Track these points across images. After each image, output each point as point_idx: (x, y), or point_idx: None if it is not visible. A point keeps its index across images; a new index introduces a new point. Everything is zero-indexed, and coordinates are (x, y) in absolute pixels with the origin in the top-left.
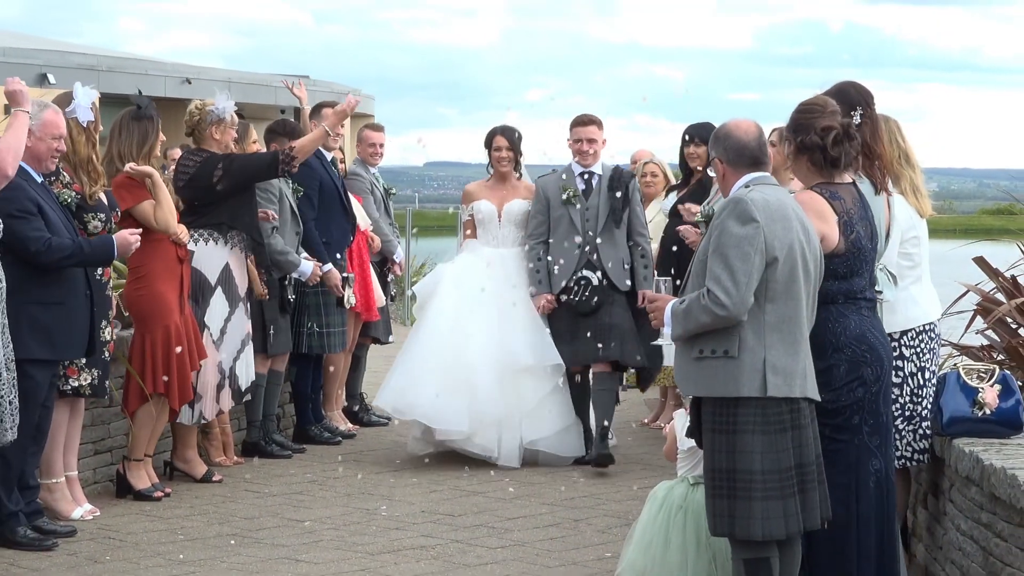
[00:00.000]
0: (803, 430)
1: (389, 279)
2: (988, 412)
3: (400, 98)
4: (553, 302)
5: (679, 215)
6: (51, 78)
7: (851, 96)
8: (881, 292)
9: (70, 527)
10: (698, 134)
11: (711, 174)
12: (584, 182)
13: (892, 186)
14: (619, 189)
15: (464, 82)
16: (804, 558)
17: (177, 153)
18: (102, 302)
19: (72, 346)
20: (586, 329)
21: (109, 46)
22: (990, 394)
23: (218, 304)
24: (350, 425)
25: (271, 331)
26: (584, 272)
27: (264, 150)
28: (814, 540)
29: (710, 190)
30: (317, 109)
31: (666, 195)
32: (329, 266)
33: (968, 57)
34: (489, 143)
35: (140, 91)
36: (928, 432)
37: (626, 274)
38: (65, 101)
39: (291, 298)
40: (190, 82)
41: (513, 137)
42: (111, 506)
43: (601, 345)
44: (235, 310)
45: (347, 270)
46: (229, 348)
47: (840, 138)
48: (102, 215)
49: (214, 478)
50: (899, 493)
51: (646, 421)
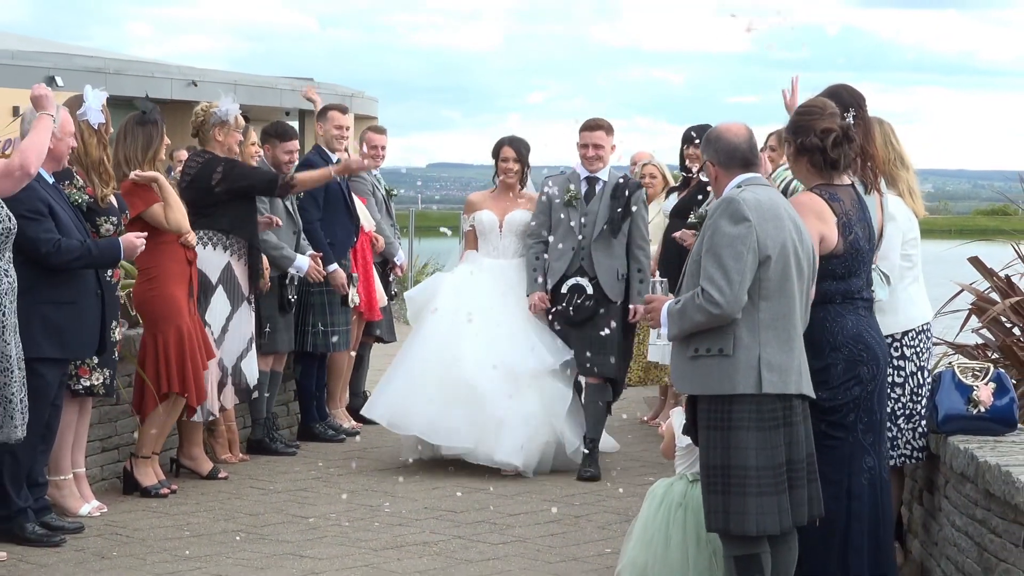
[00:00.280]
0: (794, 427)
1: (391, 279)
2: (983, 410)
3: (404, 101)
4: (545, 300)
5: (678, 216)
6: (59, 81)
7: (843, 98)
8: (874, 291)
9: (78, 523)
10: (698, 136)
11: (703, 178)
12: (588, 186)
13: (887, 187)
14: (621, 198)
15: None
16: (800, 553)
17: (183, 155)
18: (112, 302)
19: (83, 345)
20: (576, 340)
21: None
22: (985, 392)
23: (219, 303)
24: (353, 423)
25: (267, 329)
26: (578, 280)
27: (262, 152)
28: (808, 536)
29: (709, 192)
30: (324, 112)
31: (666, 196)
32: (334, 266)
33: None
34: (497, 153)
35: (147, 95)
36: (926, 430)
37: (619, 285)
38: (76, 103)
39: (291, 298)
40: (196, 84)
41: (521, 148)
42: (118, 503)
43: (590, 355)
44: (237, 309)
45: (351, 270)
46: (232, 346)
47: (839, 140)
48: (114, 218)
49: (220, 475)
50: (893, 490)
51: (645, 419)
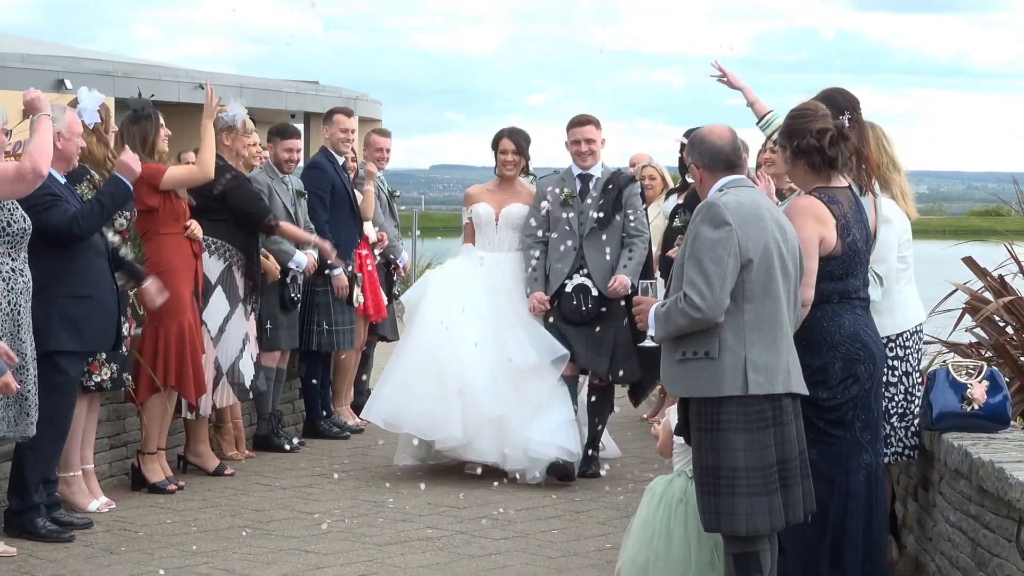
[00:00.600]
0: (785, 426)
1: (395, 279)
2: (977, 407)
3: (408, 103)
4: (545, 302)
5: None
6: (68, 83)
7: (838, 101)
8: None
9: (86, 519)
10: None
11: (689, 180)
12: (582, 183)
13: (881, 190)
14: (610, 192)
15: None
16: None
17: (191, 156)
18: (124, 297)
19: (101, 339)
20: (578, 339)
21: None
22: (978, 390)
23: (217, 303)
24: (358, 420)
25: (267, 326)
26: (583, 280)
27: (266, 152)
28: (803, 532)
29: None
30: (329, 115)
31: (665, 198)
32: (338, 270)
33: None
34: (496, 145)
35: (140, 92)
36: (919, 428)
37: (610, 276)
38: (74, 105)
39: (294, 296)
40: (203, 87)
41: (520, 140)
42: (126, 499)
43: (592, 358)
44: (235, 309)
45: (355, 270)
46: (229, 346)
47: (835, 139)
48: (126, 213)
49: (226, 472)
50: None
51: (645, 416)
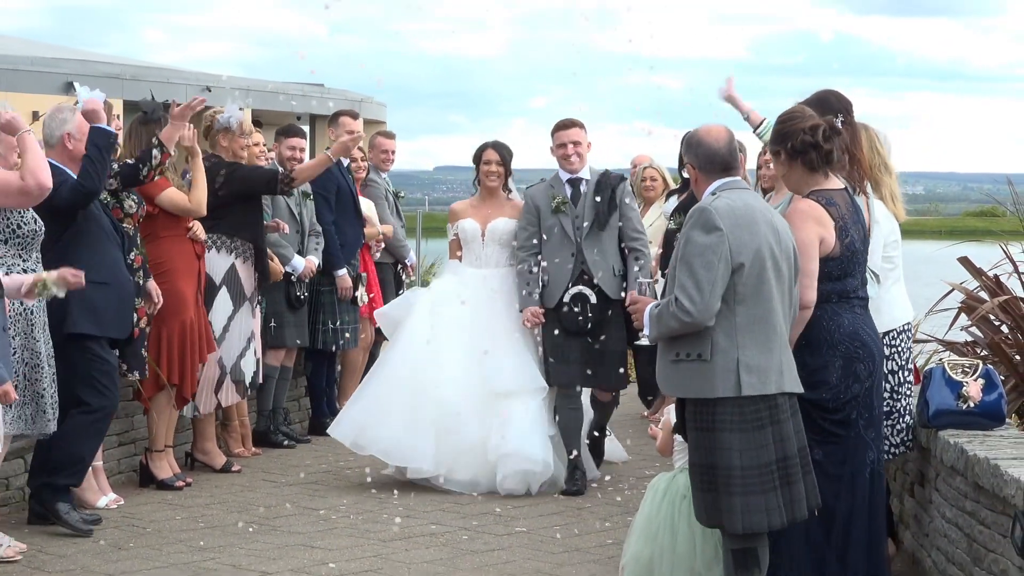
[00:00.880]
0: (783, 424)
1: (404, 279)
2: (972, 405)
3: (412, 106)
4: (540, 315)
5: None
6: (77, 86)
7: (832, 104)
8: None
9: (95, 515)
10: None
11: (685, 175)
12: (572, 188)
13: (872, 191)
14: (604, 192)
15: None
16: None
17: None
18: (137, 289)
19: (117, 325)
20: (577, 351)
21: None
22: (974, 388)
23: (222, 303)
24: None
25: (272, 324)
26: (581, 288)
27: (272, 153)
28: (810, 530)
29: None
30: (335, 117)
31: (666, 199)
32: (343, 271)
33: (954, 66)
34: (478, 158)
35: (152, 95)
36: (907, 425)
37: (618, 281)
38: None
39: (300, 295)
40: (210, 90)
41: (504, 152)
42: (135, 495)
43: (591, 371)
44: (239, 309)
45: (359, 270)
46: (232, 345)
47: (829, 133)
48: (135, 196)
49: (233, 468)
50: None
51: (645, 414)
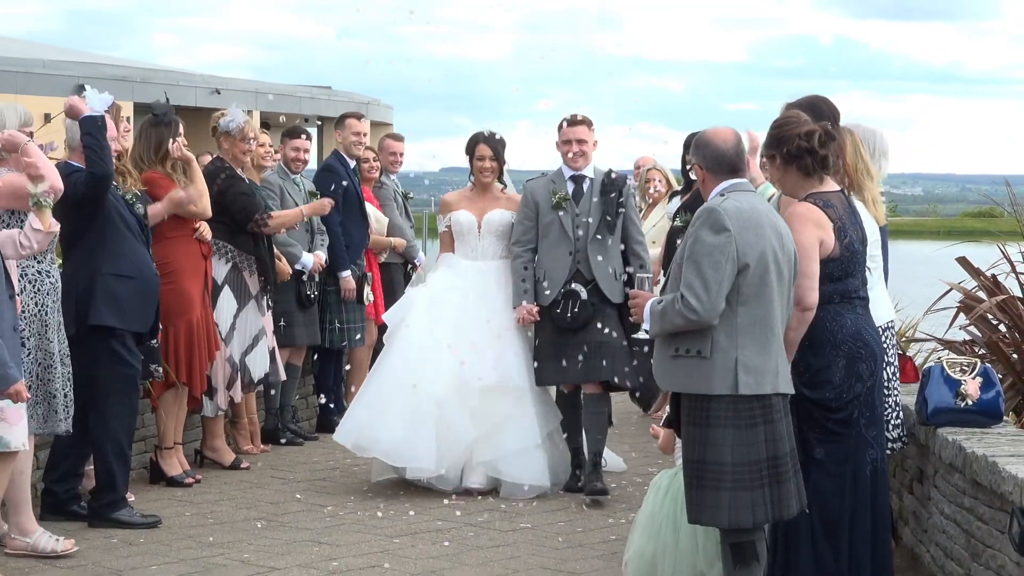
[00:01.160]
0: (775, 424)
1: (413, 278)
2: (970, 403)
3: (417, 108)
4: (534, 313)
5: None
6: (88, 89)
7: (822, 110)
8: None
9: (154, 516)
10: None
11: (693, 177)
12: (575, 185)
13: (854, 195)
14: (611, 193)
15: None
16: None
17: (206, 159)
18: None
19: (141, 319)
20: (573, 347)
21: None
22: (972, 386)
23: (225, 302)
24: None
25: (281, 323)
26: (573, 285)
27: (278, 155)
28: (814, 529)
29: None
30: (342, 119)
31: (669, 200)
32: (347, 272)
33: (952, 69)
34: (471, 151)
35: (167, 97)
36: (897, 423)
37: (618, 285)
38: None
39: (309, 294)
40: (219, 92)
41: (497, 145)
42: (145, 492)
43: (588, 365)
44: (245, 307)
45: (365, 269)
46: (239, 343)
47: (824, 139)
48: (142, 199)
49: (242, 465)
50: None
51: (648, 412)
